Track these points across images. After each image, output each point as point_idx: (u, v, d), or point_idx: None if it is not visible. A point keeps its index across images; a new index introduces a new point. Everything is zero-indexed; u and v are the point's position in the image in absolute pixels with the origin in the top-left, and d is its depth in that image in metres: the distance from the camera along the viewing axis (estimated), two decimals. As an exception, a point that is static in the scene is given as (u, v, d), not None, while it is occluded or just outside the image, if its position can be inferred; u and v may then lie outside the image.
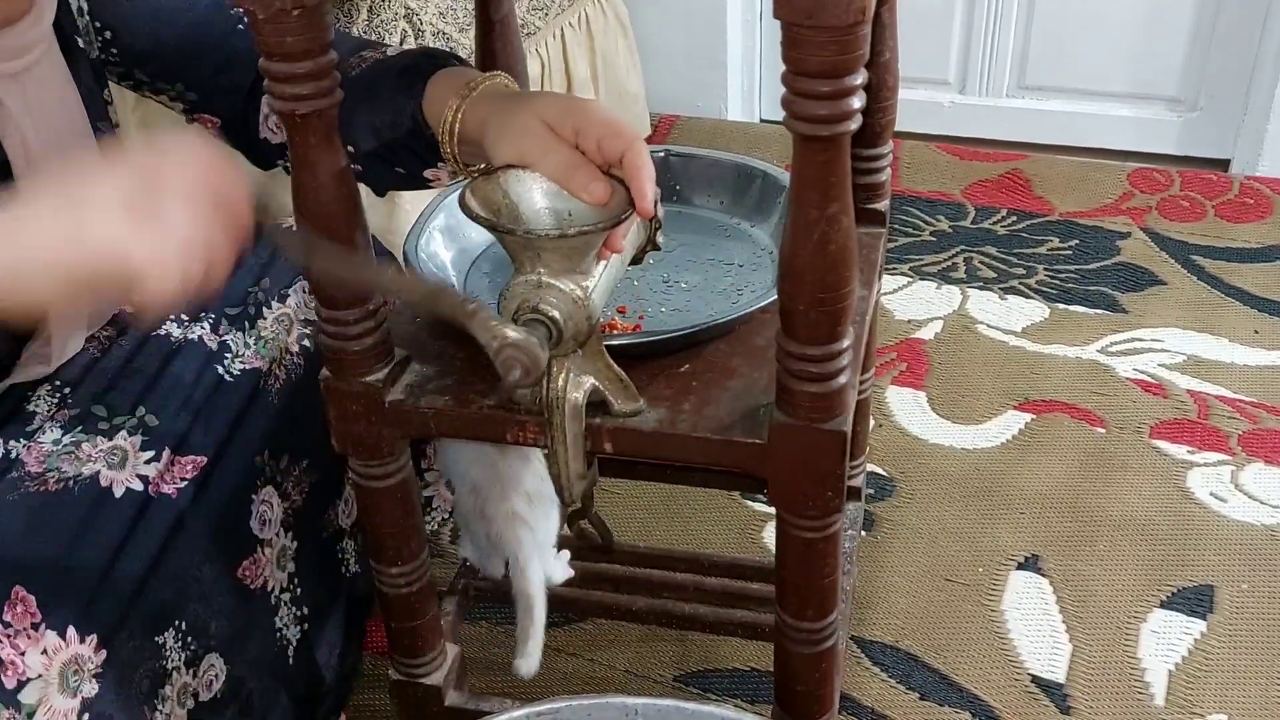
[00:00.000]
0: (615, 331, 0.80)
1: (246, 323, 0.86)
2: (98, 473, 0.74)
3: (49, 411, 0.79)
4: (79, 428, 0.77)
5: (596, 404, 0.71)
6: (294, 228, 0.69)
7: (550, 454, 0.73)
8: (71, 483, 0.73)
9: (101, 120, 0.83)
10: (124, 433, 0.77)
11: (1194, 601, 1.15)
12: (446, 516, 1.08)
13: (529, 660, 0.89)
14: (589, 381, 0.70)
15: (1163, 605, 1.15)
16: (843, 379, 0.67)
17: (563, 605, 1.04)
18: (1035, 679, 1.08)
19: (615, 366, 0.71)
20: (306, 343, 0.89)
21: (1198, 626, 1.12)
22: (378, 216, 1.42)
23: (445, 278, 0.84)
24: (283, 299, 0.89)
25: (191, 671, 0.76)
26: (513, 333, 0.63)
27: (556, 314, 0.66)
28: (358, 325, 0.72)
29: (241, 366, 0.84)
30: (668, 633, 1.12)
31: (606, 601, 1.04)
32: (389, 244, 1.34)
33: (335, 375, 0.74)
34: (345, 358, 0.73)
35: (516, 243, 0.66)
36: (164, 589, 0.74)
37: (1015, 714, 1.05)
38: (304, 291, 0.89)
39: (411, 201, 1.44)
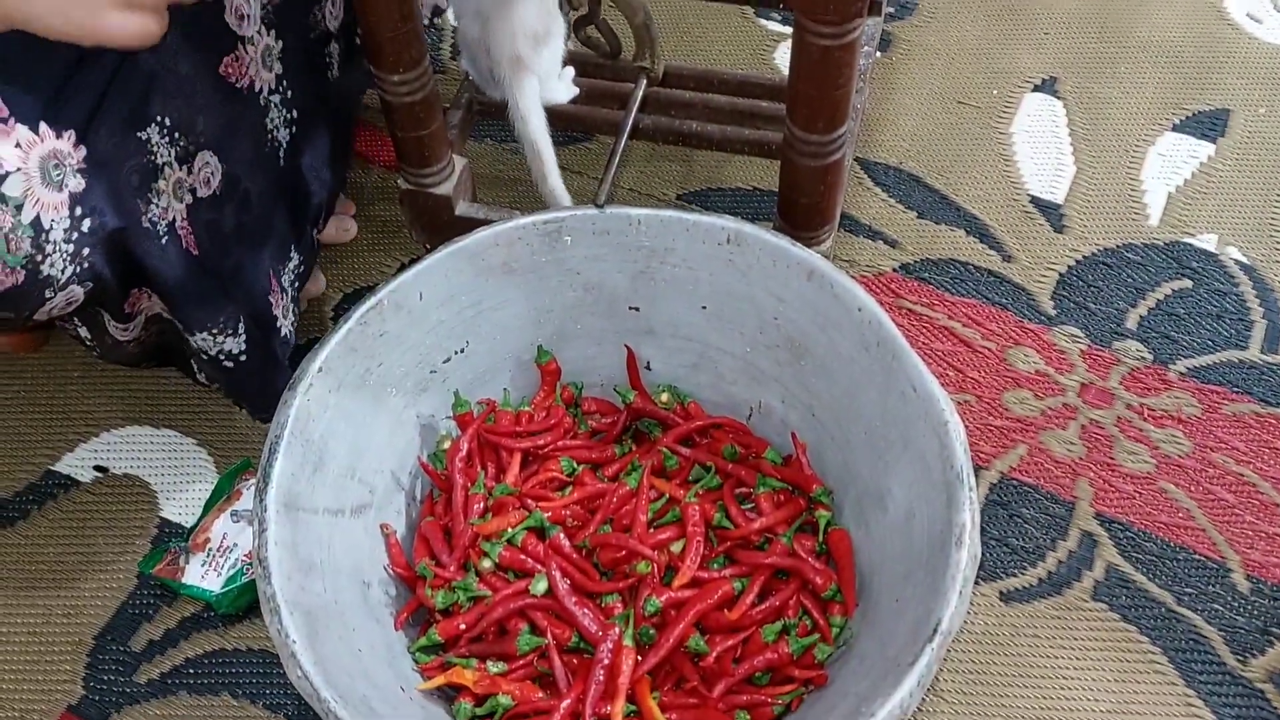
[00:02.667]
0: None
1: None
2: None
3: None
4: None
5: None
6: None
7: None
8: None
9: None
10: None
11: (1207, 125, 1.14)
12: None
13: (555, 198, 0.89)
14: None
15: (1175, 129, 1.14)
16: None
17: (568, 124, 1.03)
18: (1034, 199, 1.10)
19: None
20: None
21: (1205, 150, 1.12)
22: None
23: None
24: None
25: (185, 168, 0.76)
26: None
27: None
28: None
29: None
30: (673, 151, 1.12)
31: (613, 119, 1.02)
32: None
33: None
34: None
35: None
36: (137, 83, 0.71)
37: (1009, 231, 1.08)
38: None
39: None
